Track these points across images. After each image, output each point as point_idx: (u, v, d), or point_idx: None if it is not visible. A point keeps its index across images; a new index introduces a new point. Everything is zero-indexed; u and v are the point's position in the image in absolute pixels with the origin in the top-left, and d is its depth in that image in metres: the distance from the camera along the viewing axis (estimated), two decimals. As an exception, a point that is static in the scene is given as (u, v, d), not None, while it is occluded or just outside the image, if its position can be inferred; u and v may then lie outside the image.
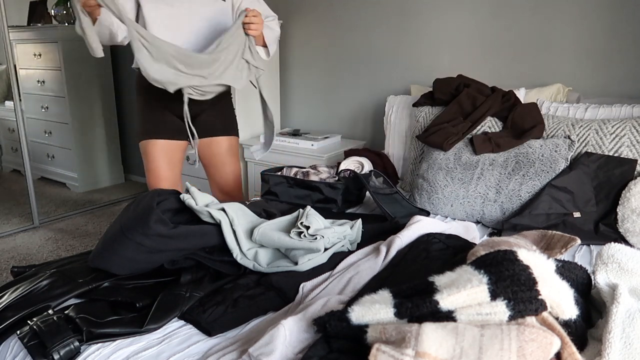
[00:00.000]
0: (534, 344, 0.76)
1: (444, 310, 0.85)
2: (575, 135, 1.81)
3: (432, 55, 2.58)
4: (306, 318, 1.00)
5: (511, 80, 2.39)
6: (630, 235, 1.56)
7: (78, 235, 3.05)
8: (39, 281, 1.23)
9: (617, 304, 0.91)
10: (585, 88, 2.23)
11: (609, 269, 1.03)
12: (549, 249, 1.15)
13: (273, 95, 3.04)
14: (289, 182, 1.92)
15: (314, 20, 2.93)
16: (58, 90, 3.68)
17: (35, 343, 1.03)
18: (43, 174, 4.04)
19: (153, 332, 1.08)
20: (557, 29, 2.24)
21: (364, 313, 0.90)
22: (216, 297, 1.18)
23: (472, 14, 2.43)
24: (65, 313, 1.12)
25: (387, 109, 2.47)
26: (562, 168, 1.73)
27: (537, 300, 0.82)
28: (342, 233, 1.39)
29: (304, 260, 1.27)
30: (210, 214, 1.33)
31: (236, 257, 1.29)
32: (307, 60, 3.02)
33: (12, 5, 3.52)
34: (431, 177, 1.87)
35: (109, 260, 1.26)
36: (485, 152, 1.83)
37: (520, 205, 1.71)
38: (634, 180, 1.63)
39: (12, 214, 3.39)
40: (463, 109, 2.05)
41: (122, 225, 1.27)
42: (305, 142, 2.67)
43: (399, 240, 1.35)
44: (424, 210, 1.81)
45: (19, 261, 2.69)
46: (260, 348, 0.92)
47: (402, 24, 2.63)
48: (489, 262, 0.92)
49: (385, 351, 0.78)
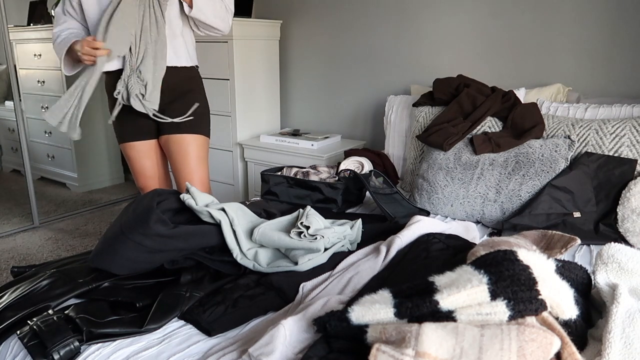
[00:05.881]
0: (534, 344, 0.76)
1: (444, 310, 0.85)
2: (575, 135, 1.81)
3: (432, 55, 2.58)
4: (306, 318, 1.00)
5: (511, 80, 2.39)
6: (630, 235, 1.56)
7: (78, 235, 3.05)
8: (39, 281, 1.23)
9: (617, 304, 0.91)
10: (585, 88, 2.23)
11: (609, 269, 1.03)
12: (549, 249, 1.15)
13: (273, 95, 3.05)
14: (289, 182, 1.92)
15: (314, 20, 2.93)
16: (58, 90, 3.68)
17: (35, 343, 1.03)
18: (43, 174, 4.04)
19: (153, 332, 1.08)
20: (557, 29, 2.24)
21: (364, 313, 0.90)
22: (216, 297, 1.18)
23: (472, 14, 2.43)
24: (65, 313, 1.12)
25: (387, 109, 2.47)
26: (562, 168, 1.73)
27: (537, 300, 0.82)
28: (342, 233, 1.39)
29: (304, 260, 1.27)
30: (210, 214, 1.33)
31: (236, 257, 1.29)
32: (307, 60, 3.02)
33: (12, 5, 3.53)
34: (431, 177, 1.87)
35: (109, 260, 1.26)
36: (485, 152, 1.83)
37: (520, 205, 1.71)
38: (634, 180, 1.63)
39: (12, 214, 3.39)
40: (463, 109, 2.05)
41: (122, 225, 1.27)
42: (305, 142, 2.67)
43: (399, 240, 1.35)
44: (424, 210, 1.81)
45: (19, 261, 2.69)
46: (260, 348, 0.92)
47: (402, 24, 2.63)
48: (489, 262, 0.92)
49: (385, 351, 0.78)
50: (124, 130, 1.93)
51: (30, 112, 3.91)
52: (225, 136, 2.85)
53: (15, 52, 3.85)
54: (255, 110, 2.92)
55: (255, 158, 2.79)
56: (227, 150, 2.88)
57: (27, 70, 3.85)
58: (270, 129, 3.06)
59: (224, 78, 2.76)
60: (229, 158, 2.89)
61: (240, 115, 2.82)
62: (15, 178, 4.13)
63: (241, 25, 2.70)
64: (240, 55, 2.74)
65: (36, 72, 3.79)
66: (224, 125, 2.84)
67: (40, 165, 4.00)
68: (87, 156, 3.85)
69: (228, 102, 2.78)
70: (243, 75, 2.79)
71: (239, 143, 2.83)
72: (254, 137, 2.92)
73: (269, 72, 2.97)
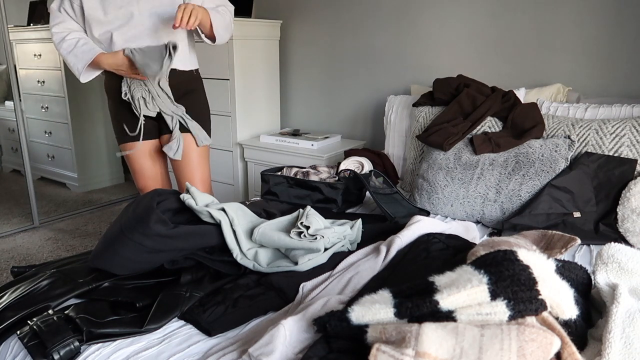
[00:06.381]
0: (534, 344, 0.76)
1: (444, 310, 0.85)
2: (575, 135, 1.81)
3: (432, 55, 2.58)
4: (306, 318, 1.00)
5: (511, 80, 2.39)
6: (630, 235, 1.56)
7: (78, 235, 3.05)
8: (39, 281, 1.23)
9: (617, 304, 0.91)
10: (585, 88, 2.23)
11: (609, 269, 1.03)
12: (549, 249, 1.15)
13: (273, 95, 3.05)
14: (289, 182, 1.92)
15: (314, 20, 2.93)
16: (58, 90, 3.68)
17: (35, 343, 1.03)
18: (43, 174, 4.04)
19: (153, 332, 1.08)
20: (557, 29, 2.24)
21: (364, 313, 0.90)
22: (216, 297, 1.18)
23: (472, 14, 2.43)
24: (65, 313, 1.12)
25: (387, 109, 2.47)
26: (562, 168, 1.73)
27: (537, 300, 0.82)
28: (342, 233, 1.39)
29: (304, 260, 1.27)
30: (210, 214, 1.33)
31: (236, 257, 1.29)
32: (307, 60, 3.02)
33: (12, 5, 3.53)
34: (431, 177, 1.87)
35: (109, 260, 1.26)
36: (485, 152, 1.83)
37: (520, 205, 1.71)
38: (634, 180, 1.63)
39: (12, 214, 3.39)
40: (463, 109, 2.05)
41: (122, 226, 1.27)
42: (305, 142, 2.67)
43: (399, 240, 1.35)
44: (424, 210, 1.81)
45: (19, 261, 2.69)
46: (260, 348, 0.92)
47: (402, 24, 2.63)
48: (489, 262, 0.92)
49: (385, 351, 0.78)
50: (123, 131, 1.93)
51: (30, 112, 3.91)
52: (225, 136, 2.85)
53: (15, 52, 3.85)
54: (255, 110, 2.92)
55: (255, 158, 2.79)
56: (227, 150, 2.88)
57: (27, 70, 3.85)
58: (270, 129, 3.06)
59: (224, 78, 2.76)
60: (229, 158, 2.89)
61: (240, 115, 2.82)
62: (15, 178, 4.13)
63: (241, 25, 2.70)
64: (240, 55, 2.74)
65: (36, 72, 3.78)
66: (224, 125, 2.84)
67: (40, 165, 4.00)
68: (87, 156, 3.85)
69: (228, 102, 2.78)
70: (243, 75, 2.79)
71: (239, 143, 2.83)
72: (254, 137, 2.92)
73: (269, 72, 2.97)
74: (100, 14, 1.77)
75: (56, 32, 1.83)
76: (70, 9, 1.82)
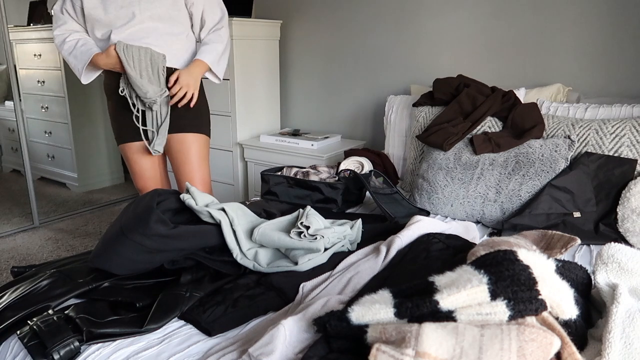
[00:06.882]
0: (534, 344, 0.76)
1: (444, 310, 0.85)
2: (575, 135, 1.81)
3: (432, 55, 2.58)
4: (306, 318, 1.00)
5: (511, 80, 2.39)
6: (630, 235, 1.56)
7: (78, 235, 3.05)
8: (39, 281, 1.23)
9: (617, 304, 0.91)
10: (585, 88, 2.23)
11: (609, 269, 1.03)
12: (549, 249, 1.15)
13: (273, 95, 3.04)
14: (289, 182, 1.92)
15: (314, 20, 2.93)
16: (58, 90, 3.68)
17: (35, 343, 1.03)
18: (43, 174, 4.04)
19: (153, 332, 1.08)
20: (557, 29, 2.24)
21: (364, 313, 0.90)
22: (216, 297, 1.18)
23: (472, 14, 2.43)
24: (65, 313, 1.12)
25: (387, 109, 2.47)
26: (562, 168, 1.73)
27: (537, 300, 0.82)
28: (342, 233, 1.39)
29: (304, 260, 1.27)
30: (210, 214, 1.33)
31: (236, 257, 1.29)
32: (307, 60, 3.02)
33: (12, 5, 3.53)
34: (431, 177, 1.87)
35: (109, 260, 1.26)
36: (485, 152, 1.83)
37: (520, 205, 1.71)
38: (634, 180, 1.63)
39: (12, 214, 3.39)
40: (463, 109, 2.05)
41: (122, 226, 1.27)
42: (305, 142, 2.67)
43: (399, 240, 1.35)
44: (424, 210, 1.81)
45: (19, 261, 2.69)
46: (260, 348, 0.92)
47: (402, 23, 2.63)
48: (489, 262, 0.92)
49: (385, 351, 0.78)
50: (122, 131, 1.93)
51: (30, 112, 3.91)
52: (225, 136, 2.85)
53: (15, 52, 3.85)
54: (255, 110, 2.92)
55: (255, 158, 2.79)
56: (227, 150, 2.88)
57: (27, 70, 3.85)
58: (270, 129, 3.06)
59: (224, 78, 2.76)
60: (229, 158, 2.89)
61: (240, 115, 2.82)
62: (15, 178, 4.12)
63: (241, 25, 2.70)
64: (240, 55, 2.74)
65: (36, 72, 3.78)
66: (224, 125, 2.84)
67: (40, 165, 4.00)
68: (87, 156, 3.85)
69: (228, 102, 2.78)
70: (243, 75, 2.79)
71: (239, 143, 2.83)
72: (254, 137, 2.92)
73: (269, 72, 2.97)
74: (101, 14, 1.77)
75: (58, 34, 1.83)
76: (72, 9, 1.83)
